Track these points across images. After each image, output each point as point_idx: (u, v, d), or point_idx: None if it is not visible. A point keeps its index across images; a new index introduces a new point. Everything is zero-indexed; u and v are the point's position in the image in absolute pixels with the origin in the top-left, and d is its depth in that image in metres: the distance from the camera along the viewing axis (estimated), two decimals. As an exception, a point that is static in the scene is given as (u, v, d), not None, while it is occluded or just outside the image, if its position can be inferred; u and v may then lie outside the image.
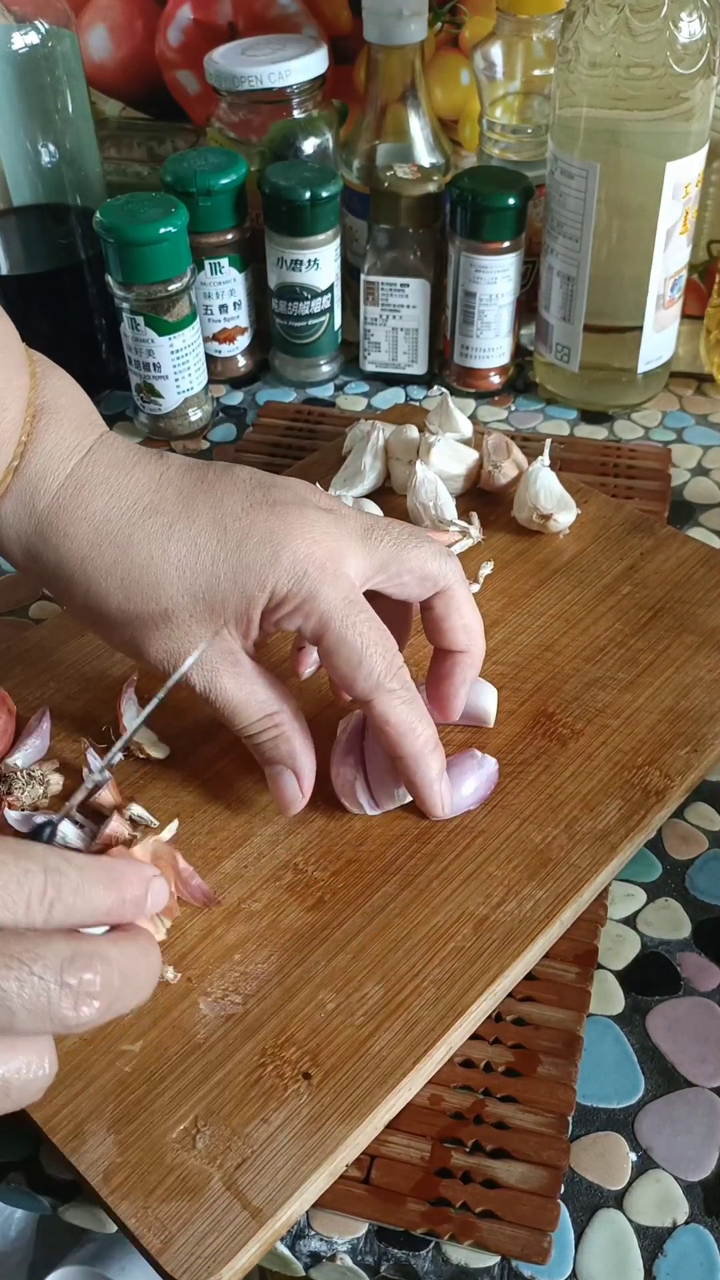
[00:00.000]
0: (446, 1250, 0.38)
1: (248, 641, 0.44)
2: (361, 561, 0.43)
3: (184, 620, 0.43)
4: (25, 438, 0.43)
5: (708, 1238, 0.38)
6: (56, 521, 0.43)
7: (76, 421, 0.45)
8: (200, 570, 0.42)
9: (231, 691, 0.44)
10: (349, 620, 0.42)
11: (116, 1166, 0.37)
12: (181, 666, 0.39)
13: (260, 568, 0.41)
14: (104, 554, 0.43)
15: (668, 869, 0.49)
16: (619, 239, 0.68)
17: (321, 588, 0.41)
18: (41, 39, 0.72)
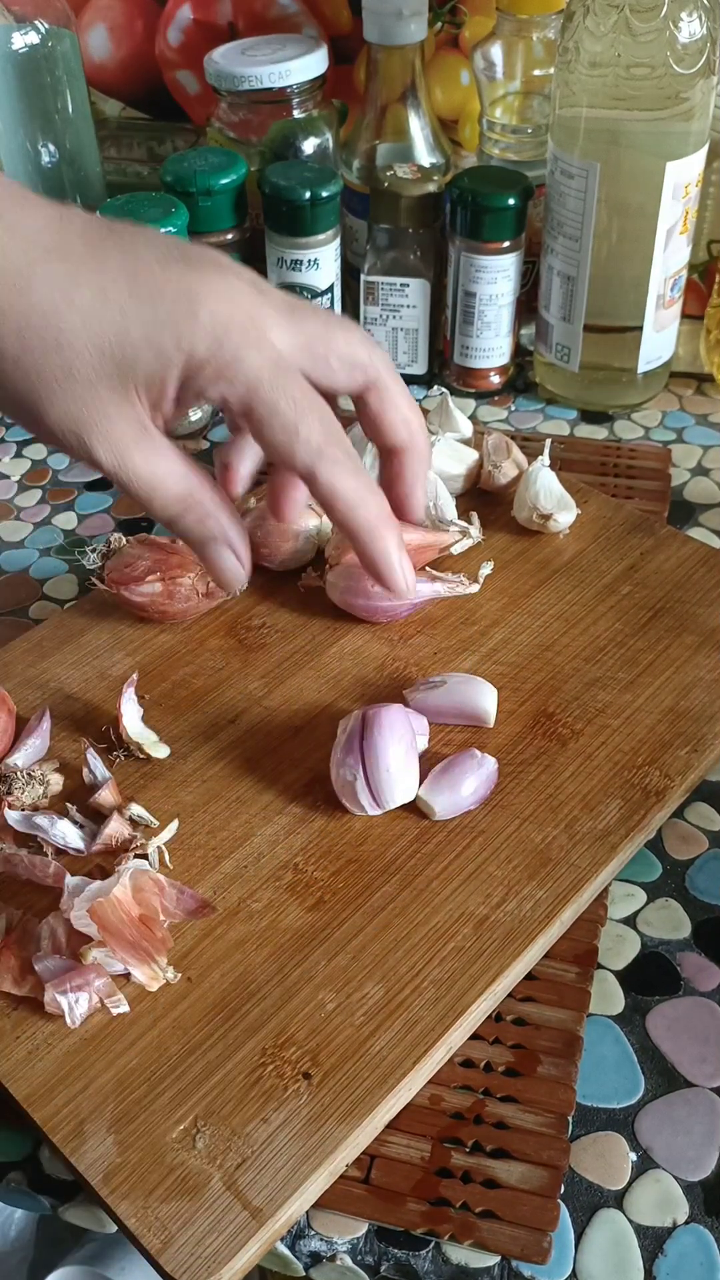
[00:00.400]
0: (446, 1250, 0.38)
1: (158, 414, 0.40)
2: (286, 335, 0.39)
3: (89, 377, 0.38)
4: None
5: (708, 1238, 0.38)
6: None
7: None
8: (109, 321, 0.37)
9: (143, 468, 0.39)
10: (279, 384, 0.38)
11: (116, 1166, 0.38)
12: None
13: (176, 324, 0.37)
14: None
15: (668, 869, 0.49)
16: (619, 239, 0.68)
17: (245, 351, 0.38)
18: (41, 39, 0.72)
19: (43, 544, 0.68)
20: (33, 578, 0.66)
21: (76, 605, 0.59)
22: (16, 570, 0.66)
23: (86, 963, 0.41)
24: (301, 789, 0.49)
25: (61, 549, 0.68)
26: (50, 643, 0.57)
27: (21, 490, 0.72)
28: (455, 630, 0.56)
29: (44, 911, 0.44)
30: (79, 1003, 0.41)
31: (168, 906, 0.44)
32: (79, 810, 0.48)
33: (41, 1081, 0.40)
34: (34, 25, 0.72)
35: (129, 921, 0.42)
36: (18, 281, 0.37)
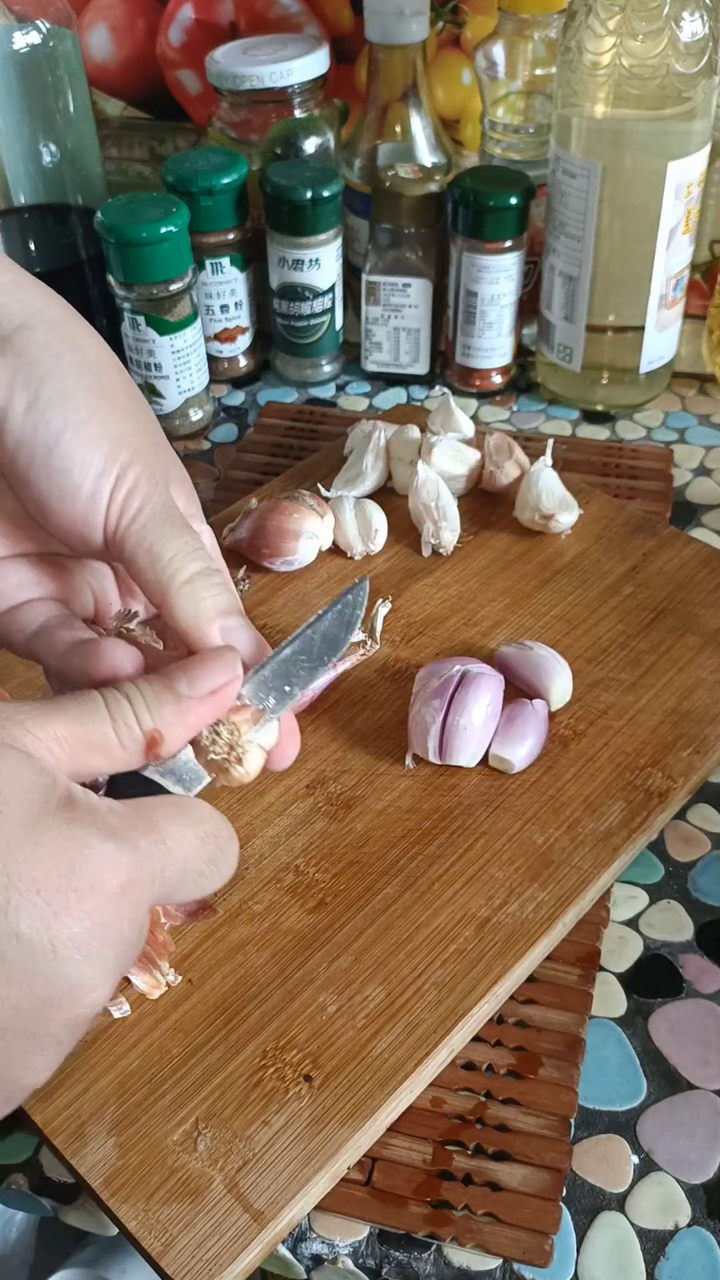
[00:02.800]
0: (448, 1253, 0.38)
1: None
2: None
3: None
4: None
5: (710, 1240, 0.38)
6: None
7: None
8: None
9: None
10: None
11: (117, 1169, 0.37)
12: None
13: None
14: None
15: (670, 871, 0.49)
16: (621, 238, 0.68)
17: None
18: (43, 39, 0.72)
19: (44, 544, 0.68)
20: (34, 578, 0.65)
21: (77, 606, 0.59)
22: (17, 571, 0.66)
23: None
24: (303, 790, 0.49)
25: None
26: (51, 643, 0.57)
27: (22, 490, 0.72)
28: (458, 631, 0.56)
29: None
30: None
31: (169, 910, 0.44)
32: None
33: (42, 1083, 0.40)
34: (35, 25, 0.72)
35: None
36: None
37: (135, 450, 0.36)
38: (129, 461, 0.36)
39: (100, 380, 0.36)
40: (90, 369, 0.36)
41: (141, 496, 0.36)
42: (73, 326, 0.37)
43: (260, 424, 0.75)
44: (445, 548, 0.60)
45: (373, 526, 0.60)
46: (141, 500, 0.36)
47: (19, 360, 0.35)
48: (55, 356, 0.36)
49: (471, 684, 0.49)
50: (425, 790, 0.49)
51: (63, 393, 0.35)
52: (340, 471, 0.65)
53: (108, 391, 0.36)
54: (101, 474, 0.35)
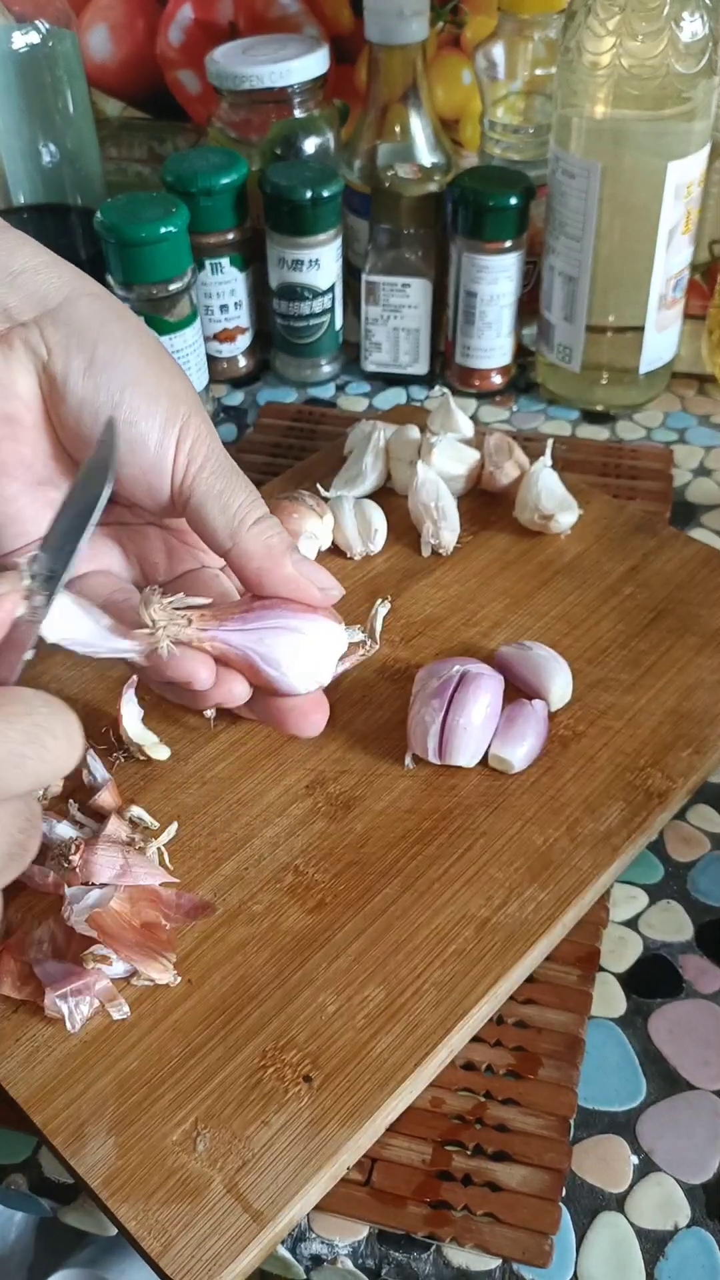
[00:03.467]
0: (447, 1253, 0.38)
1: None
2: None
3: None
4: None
5: (709, 1241, 0.38)
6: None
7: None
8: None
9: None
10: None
11: (117, 1169, 0.37)
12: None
13: None
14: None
15: (670, 871, 0.49)
16: (621, 239, 0.68)
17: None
18: (42, 39, 0.72)
19: (43, 544, 0.68)
20: (33, 578, 0.65)
21: (77, 606, 0.59)
22: (17, 571, 0.66)
23: (88, 968, 0.41)
24: (302, 791, 0.49)
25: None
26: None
27: (22, 490, 0.72)
28: (457, 632, 0.56)
29: (44, 914, 0.44)
30: (79, 1007, 0.41)
31: (167, 912, 0.44)
32: (79, 812, 0.48)
33: (41, 1084, 0.40)
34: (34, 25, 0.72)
35: (130, 927, 0.42)
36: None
37: (192, 405, 0.39)
38: (189, 415, 0.38)
39: (146, 344, 0.39)
40: (135, 334, 0.39)
41: (206, 447, 0.39)
42: (109, 299, 0.40)
43: (260, 424, 0.75)
44: (445, 548, 0.60)
45: (372, 527, 0.60)
46: (206, 451, 0.39)
47: (70, 329, 0.38)
48: (102, 324, 0.39)
49: (471, 684, 0.49)
50: (425, 790, 0.49)
51: (117, 355, 0.38)
52: (340, 472, 0.65)
53: (154, 354, 0.39)
54: (166, 424, 0.38)
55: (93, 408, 0.38)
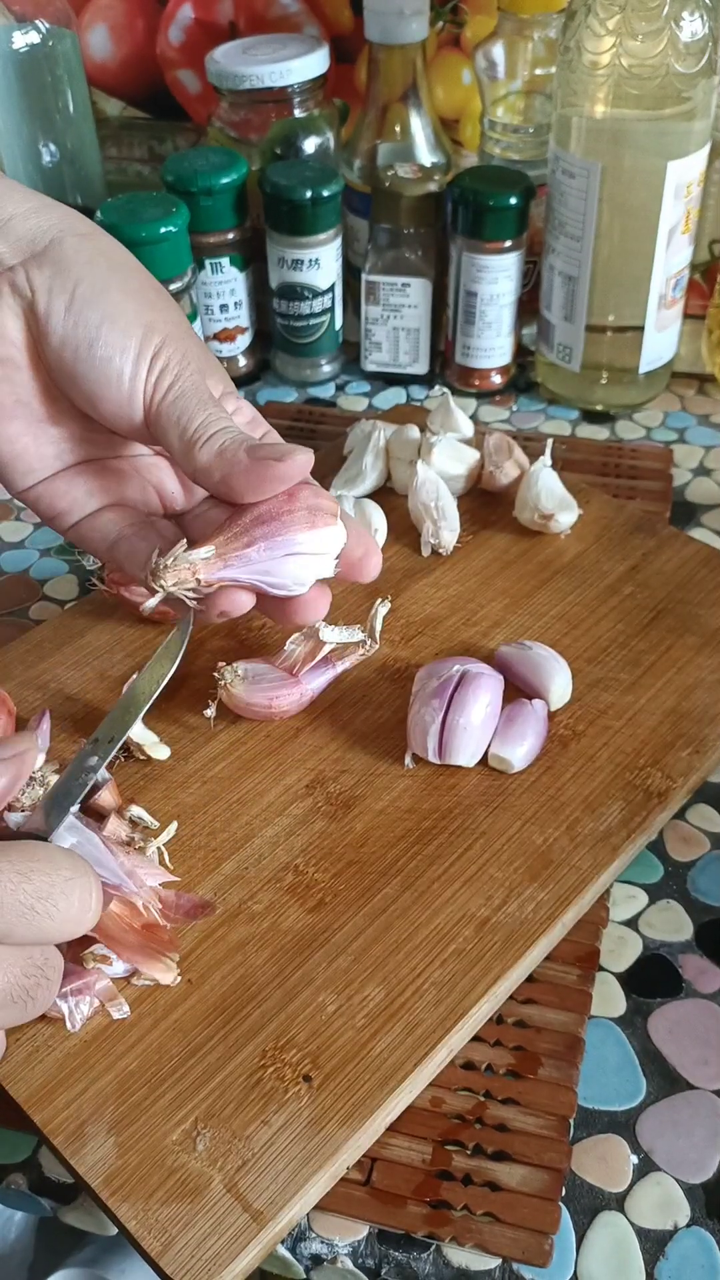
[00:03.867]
0: (447, 1253, 0.38)
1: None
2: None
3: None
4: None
5: (709, 1240, 0.38)
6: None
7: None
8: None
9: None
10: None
11: (117, 1169, 0.37)
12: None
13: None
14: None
15: (669, 870, 0.49)
16: (621, 238, 0.68)
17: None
18: (42, 38, 0.72)
19: (43, 544, 0.68)
20: (33, 578, 0.65)
21: (76, 606, 0.59)
22: (16, 571, 0.66)
23: (88, 967, 0.41)
24: (302, 790, 0.49)
25: (61, 549, 0.67)
26: (50, 643, 0.57)
27: (22, 490, 0.72)
28: (457, 631, 0.56)
29: (44, 913, 0.44)
30: (79, 1007, 0.41)
31: (167, 913, 0.44)
32: (79, 812, 0.48)
33: (42, 1083, 0.40)
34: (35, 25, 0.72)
35: (131, 929, 0.42)
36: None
37: (166, 335, 0.40)
38: (160, 345, 0.40)
39: (129, 279, 0.41)
40: (119, 270, 0.41)
41: (173, 375, 0.40)
42: (99, 237, 0.42)
43: (260, 424, 0.75)
44: (445, 547, 0.60)
45: (372, 526, 0.60)
46: (173, 378, 0.40)
47: (55, 269, 0.40)
48: (86, 262, 0.40)
49: (471, 684, 0.49)
50: (424, 790, 0.49)
51: (96, 292, 0.40)
52: (340, 471, 0.65)
53: (136, 288, 0.41)
54: (139, 356, 0.40)
55: (73, 344, 0.40)
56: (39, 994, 0.33)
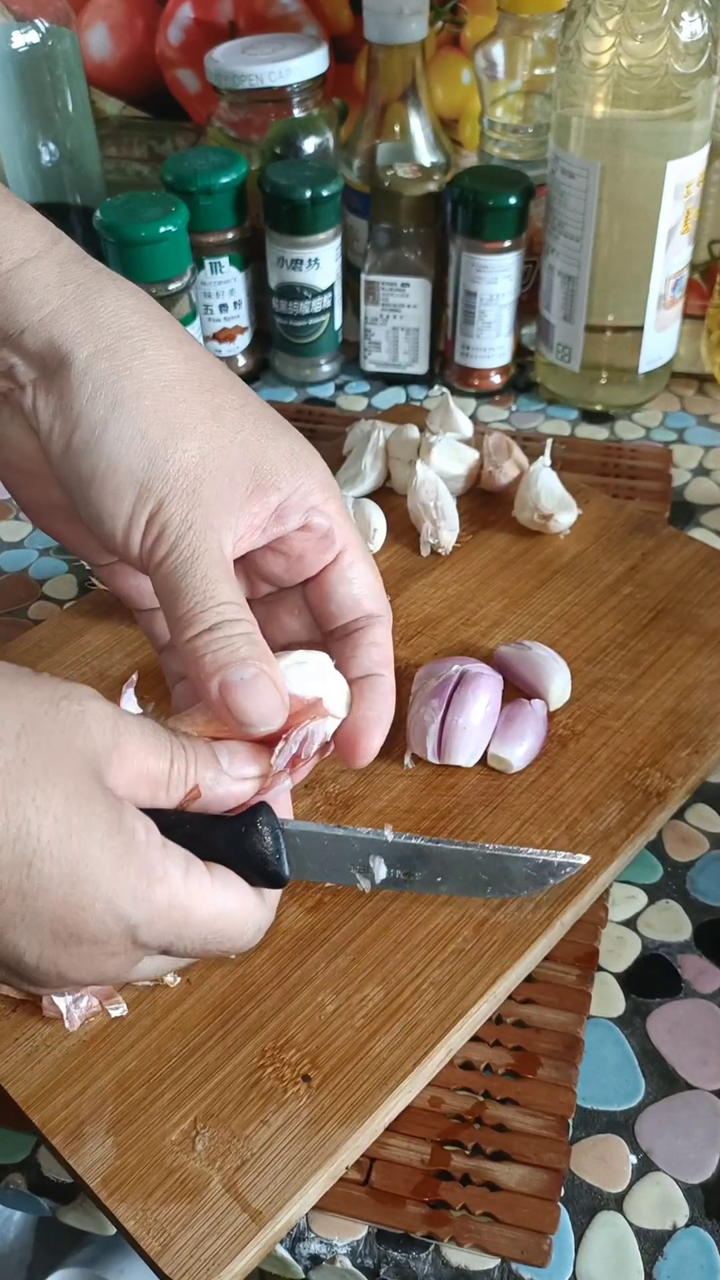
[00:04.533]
0: (446, 1253, 0.38)
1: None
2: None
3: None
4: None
5: (708, 1240, 0.38)
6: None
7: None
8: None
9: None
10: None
11: (115, 1168, 0.37)
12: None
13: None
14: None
15: (669, 870, 0.49)
16: (620, 238, 0.68)
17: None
18: (42, 38, 0.72)
19: (42, 544, 0.68)
20: (32, 578, 0.65)
21: (76, 605, 0.59)
22: (16, 570, 0.66)
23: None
24: (301, 790, 0.49)
25: (61, 549, 0.67)
26: (50, 643, 0.57)
27: (21, 490, 0.72)
28: (456, 631, 0.56)
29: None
30: (77, 1005, 0.41)
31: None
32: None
33: (40, 1083, 0.40)
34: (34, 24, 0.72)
35: None
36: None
37: (165, 494, 0.35)
38: (156, 508, 0.35)
39: (135, 418, 0.36)
40: (127, 404, 0.36)
41: (169, 544, 0.35)
42: (117, 354, 0.36)
43: (259, 423, 0.75)
44: (444, 547, 0.60)
45: (371, 526, 0.60)
46: (168, 549, 0.35)
47: (60, 403, 0.36)
48: (88, 400, 0.36)
49: (470, 684, 0.49)
50: (424, 790, 0.49)
51: (90, 442, 0.35)
52: (339, 471, 0.65)
53: (141, 430, 0.35)
54: (131, 522, 0.35)
55: (69, 490, 0.37)
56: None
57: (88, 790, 0.31)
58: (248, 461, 0.36)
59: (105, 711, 0.32)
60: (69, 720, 0.32)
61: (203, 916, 0.33)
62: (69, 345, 0.36)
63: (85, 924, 0.31)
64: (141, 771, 0.33)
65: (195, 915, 0.33)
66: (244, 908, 0.34)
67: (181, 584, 0.35)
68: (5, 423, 0.39)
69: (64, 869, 0.30)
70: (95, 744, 0.32)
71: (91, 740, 0.32)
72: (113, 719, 0.33)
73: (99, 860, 0.31)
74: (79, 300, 0.37)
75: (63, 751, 0.31)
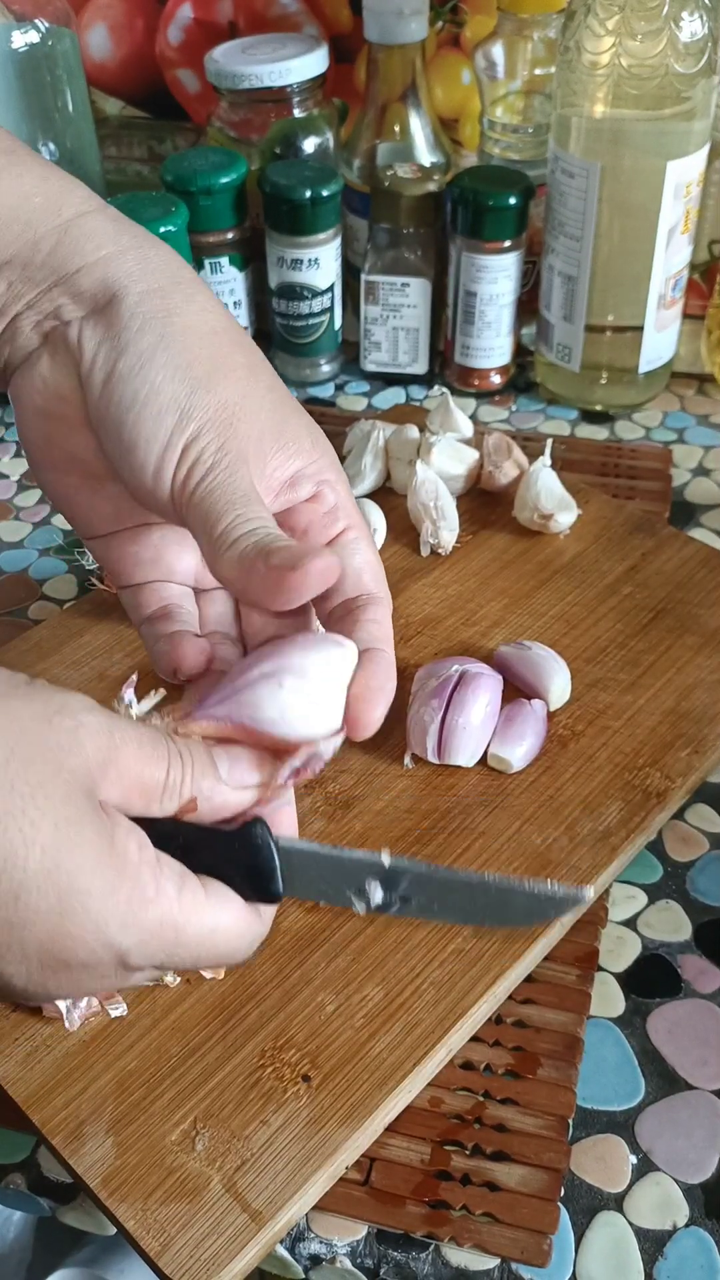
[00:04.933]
0: (446, 1253, 0.38)
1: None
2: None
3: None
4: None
5: (708, 1240, 0.38)
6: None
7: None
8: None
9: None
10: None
11: (115, 1168, 0.37)
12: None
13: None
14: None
15: (668, 870, 0.49)
16: (620, 238, 0.68)
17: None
18: (41, 38, 0.72)
19: (42, 544, 0.68)
20: (32, 578, 0.65)
21: (75, 605, 0.59)
22: (15, 570, 0.66)
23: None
24: (301, 790, 0.49)
25: (60, 549, 0.67)
26: (49, 643, 0.57)
27: (20, 490, 0.72)
28: (456, 631, 0.56)
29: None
30: (77, 1005, 0.41)
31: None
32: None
33: (40, 1083, 0.40)
34: (34, 24, 0.72)
35: None
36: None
37: (205, 422, 0.36)
38: (194, 435, 0.36)
39: (184, 350, 0.37)
40: (173, 339, 0.37)
41: (204, 468, 0.36)
42: (169, 295, 0.38)
43: (259, 423, 0.75)
44: (444, 547, 0.60)
45: (371, 526, 0.60)
46: (203, 473, 0.36)
47: (107, 331, 0.37)
48: (138, 329, 0.37)
49: (470, 684, 0.49)
50: (424, 790, 0.49)
51: (135, 368, 0.36)
52: (339, 471, 0.65)
53: (186, 362, 0.37)
54: (166, 447, 0.36)
55: (103, 423, 0.37)
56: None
57: (78, 816, 0.30)
58: (276, 420, 0.38)
59: (100, 724, 0.32)
60: (62, 738, 0.31)
61: (195, 934, 0.32)
62: (123, 282, 0.37)
63: (74, 952, 0.31)
64: (138, 782, 0.32)
65: (187, 934, 0.32)
66: (238, 924, 0.34)
67: (218, 505, 0.35)
68: (40, 365, 0.39)
69: (51, 900, 0.30)
70: (89, 760, 0.31)
71: (85, 757, 0.31)
72: (108, 731, 0.32)
73: (88, 890, 0.30)
74: (135, 247, 0.38)
75: (53, 775, 0.30)
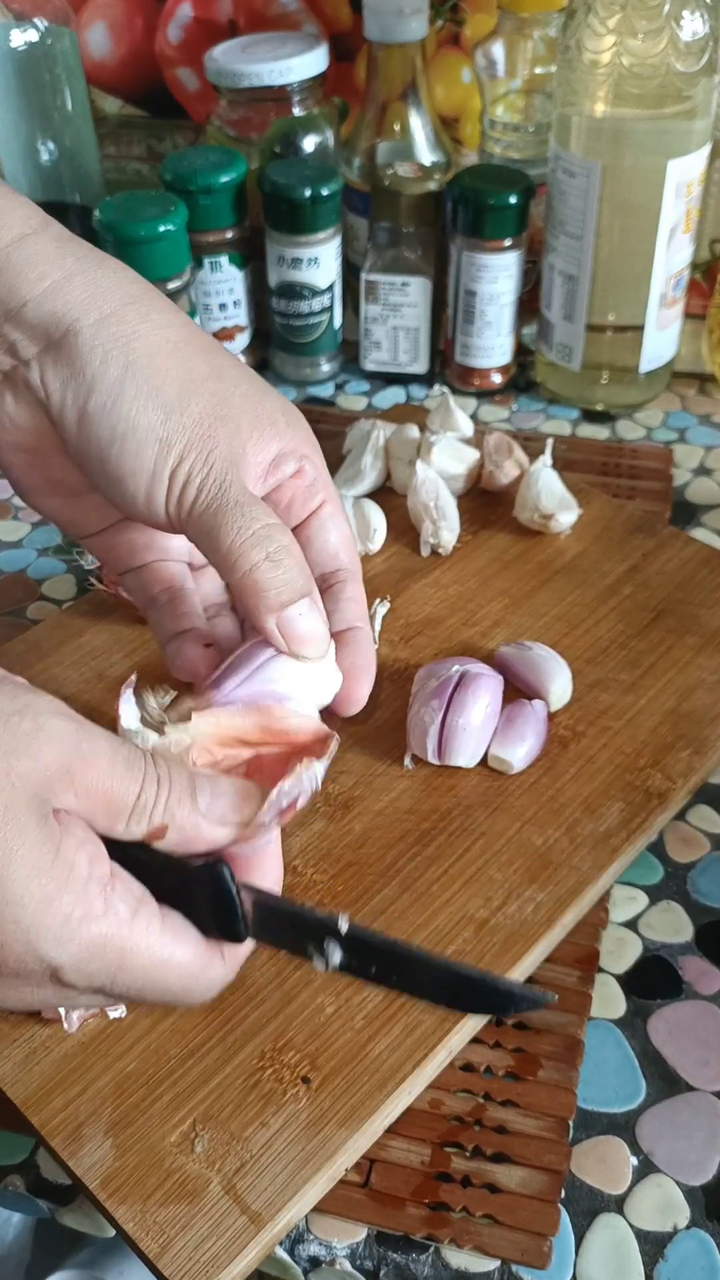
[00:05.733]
0: (446, 1255, 0.38)
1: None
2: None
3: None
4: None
5: (709, 1242, 0.38)
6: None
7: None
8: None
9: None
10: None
11: (115, 1170, 0.37)
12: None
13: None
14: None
15: (669, 872, 0.49)
16: (621, 238, 0.68)
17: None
18: (41, 36, 0.72)
19: (40, 544, 0.68)
20: (30, 578, 0.65)
21: (74, 605, 0.59)
22: (14, 570, 0.66)
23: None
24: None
25: (59, 549, 0.67)
26: (48, 643, 0.56)
27: (20, 489, 0.72)
28: (456, 631, 0.56)
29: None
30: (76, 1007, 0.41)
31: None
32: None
33: (39, 1085, 0.39)
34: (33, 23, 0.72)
35: None
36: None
37: (187, 443, 0.36)
38: (180, 458, 0.36)
39: (148, 378, 0.36)
40: (137, 366, 0.36)
41: (196, 487, 0.36)
42: (125, 318, 0.37)
43: (259, 423, 0.75)
44: (444, 547, 0.60)
45: (371, 526, 0.60)
46: (195, 491, 0.36)
47: (70, 369, 0.37)
48: (100, 364, 0.36)
49: (470, 684, 0.49)
50: (424, 791, 0.49)
51: (107, 405, 0.36)
52: (339, 471, 0.65)
53: (155, 387, 0.36)
54: (153, 479, 0.36)
55: (85, 459, 0.37)
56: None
57: (20, 822, 0.30)
58: (249, 412, 0.38)
59: (66, 731, 0.31)
60: (17, 741, 0.30)
61: (144, 963, 0.32)
62: (74, 313, 0.37)
63: (4, 960, 0.30)
64: (105, 797, 0.32)
65: (133, 960, 0.31)
66: (194, 962, 0.33)
67: (217, 519, 0.36)
68: (5, 403, 0.38)
69: None
70: (43, 766, 0.30)
71: (39, 762, 0.30)
72: (74, 738, 0.31)
73: (21, 899, 0.30)
74: (80, 271, 0.37)
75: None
